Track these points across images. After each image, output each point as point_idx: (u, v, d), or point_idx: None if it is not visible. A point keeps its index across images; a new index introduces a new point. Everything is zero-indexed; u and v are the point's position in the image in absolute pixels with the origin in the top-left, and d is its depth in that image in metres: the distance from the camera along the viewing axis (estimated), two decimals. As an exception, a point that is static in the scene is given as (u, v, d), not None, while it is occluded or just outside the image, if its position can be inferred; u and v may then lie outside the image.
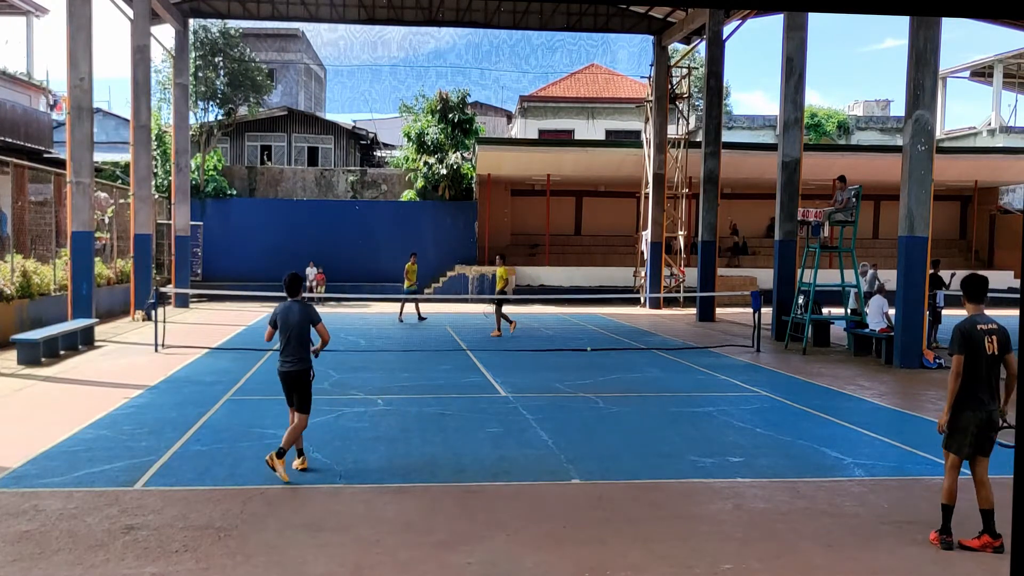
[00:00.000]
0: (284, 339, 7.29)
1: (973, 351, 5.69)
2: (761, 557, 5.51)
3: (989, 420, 5.70)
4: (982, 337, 5.70)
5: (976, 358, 5.68)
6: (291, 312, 7.28)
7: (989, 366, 5.69)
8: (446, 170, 31.95)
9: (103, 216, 23.33)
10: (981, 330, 5.73)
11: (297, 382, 7.30)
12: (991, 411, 5.69)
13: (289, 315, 7.28)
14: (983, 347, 5.68)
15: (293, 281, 7.41)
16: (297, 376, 7.29)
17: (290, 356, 7.27)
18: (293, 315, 7.26)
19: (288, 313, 7.29)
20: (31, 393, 11.08)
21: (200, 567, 5.15)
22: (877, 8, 2.04)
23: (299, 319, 7.25)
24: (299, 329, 7.24)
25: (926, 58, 13.93)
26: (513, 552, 5.52)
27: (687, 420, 9.80)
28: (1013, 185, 36.38)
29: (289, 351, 7.27)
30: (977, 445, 5.76)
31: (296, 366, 7.27)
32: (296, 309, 7.30)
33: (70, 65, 17.03)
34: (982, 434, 5.73)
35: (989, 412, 5.69)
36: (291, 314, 7.27)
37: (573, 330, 20.45)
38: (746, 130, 40.78)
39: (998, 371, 5.71)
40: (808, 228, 16.95)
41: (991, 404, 5.70)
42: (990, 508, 5.72)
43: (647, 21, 27.56)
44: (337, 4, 26.69)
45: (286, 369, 7.30)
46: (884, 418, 10.26)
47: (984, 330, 5.73)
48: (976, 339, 5.70)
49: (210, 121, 32.70)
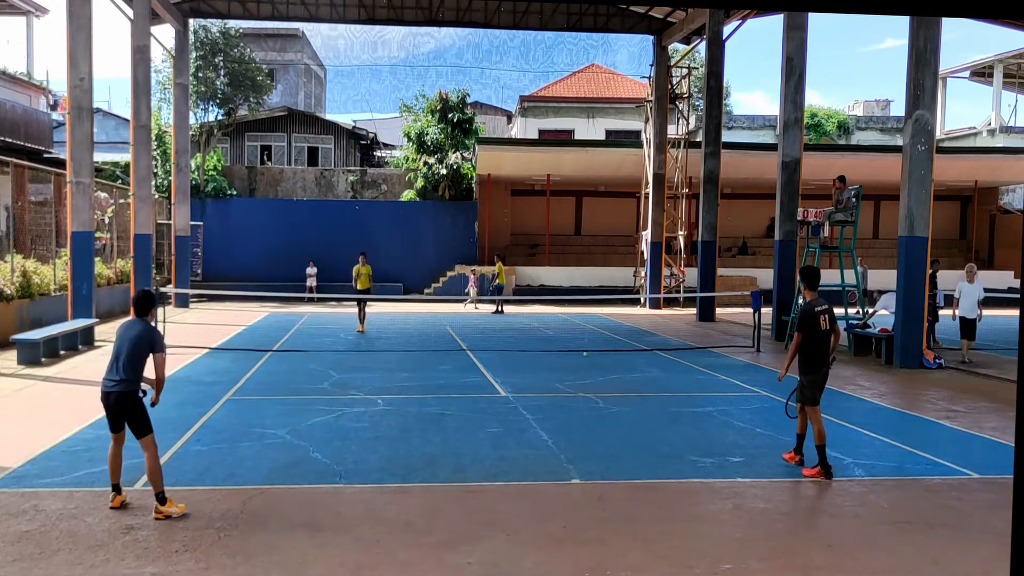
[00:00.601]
0: (114, 355, 6.33)
1: (812, 327, 7.41)
2: (761, 557, 5.51)
3: (826, 377, 7.60)
4: (818, 316, 7.41)
5: (815, 332, 7.41)
6: (130, 329, 6.39)
7: (825, 338, 7.47)
8: (446, 170, 31.95)
9: (103, 216, 23.34)
10: (817, 311, 7.44)
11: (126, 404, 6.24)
12: (825, 372, 7.55)
13: (128, 331, 6.37)
14: (819, 324, 7.41)
15: (144, 299, 6.59)
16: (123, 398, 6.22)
17: (117, 375, 6.21)
18: (131, 331, 6.35)
19: (127, 329, 6.39)
20: (31, 393, 11.08)
21: (200, 567, 5.15)
22: (877, 8, 2.04)
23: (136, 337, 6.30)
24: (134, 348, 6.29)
25: (926, 58, 13.93)
26: (513, 552, 5.52)
27: (687, 420, 9.80)
28: (1013, 185, 36.38)
29: (117, 369, 6.23)
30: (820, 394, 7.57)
31: (122, 387, 6.20)
32: (139, 327, 6.40)
33: (70, 65, 17.03)
34: (821, 386, 7.55)
35: (824, 373, 7.54)
36: (129, 330, 6.37)
37: (573, 330, 20.45)
38: (746, 130, 40.78)
39: (830, 341, 7.54)
40: (808, 228, 16.95)
41: (827, 365, 7.54)
42: (822, 444, 7.39)
43: (647, 21, 27.57)
44: (337, 4, 26.69)
45: (110, 389, 6.21)
46: (884, 418, 10.26)
47: (819, 311, 7.44)
48: (814, 319, 7.40)
49: (210, 121, 32.69)
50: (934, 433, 9.49)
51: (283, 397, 10.88)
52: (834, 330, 7.54)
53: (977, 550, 5.71)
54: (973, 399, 11.53)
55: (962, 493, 6.99)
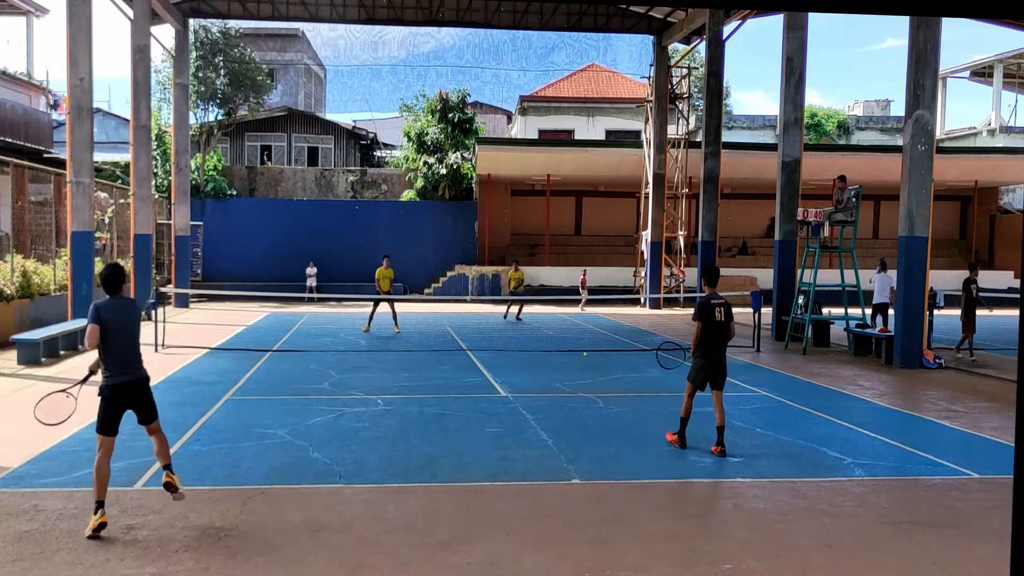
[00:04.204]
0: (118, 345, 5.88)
1: (707, 318, 8.17)
2: (761, 557, 5.50)
3: (718, 364, 8.25)
4: (713, 308, 8.19)
5: (710, 323, 8.16)
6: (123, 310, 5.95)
7: (719, 329, 8.19)
8: (446, 170, 31.94)
9: (103, 216, 23.34)
10: (713, 303, 8.23)
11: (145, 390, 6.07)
12: (719, 358, 8.24)
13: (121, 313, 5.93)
14: (713, 316, 8.18)
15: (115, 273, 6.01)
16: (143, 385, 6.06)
17: (132, 364, 5.98)
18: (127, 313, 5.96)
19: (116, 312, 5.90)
20: (31, 393, 11.07)
21: (200, 567, 5.15)
22: (877, 8, 2.04)
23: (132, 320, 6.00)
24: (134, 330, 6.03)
25: (926, 58, 13.93)
26: (513, 552, 5.52)
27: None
28: (1013, 185, 36.37)
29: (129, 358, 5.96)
30: (711, 381, 8.25)
31: (140, 374, 6.03)
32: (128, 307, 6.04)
33: (70, 65, 17.03)
34: (713, 373, 8.24)
35: (718, 359, 8.23)
36: (120, 313, 5.91)
37: (573, 330, 20.45)
38: (746, 130, 40.78)
39: (727, 332, 8.24)
40: (808, 228, 16.94)
41: (719, 353, 8.24)
42: (722, 425, 8.17)
43: (647, 21, 27.57)
44: (337, 4, 26.69)
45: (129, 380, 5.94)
46: (884, 418, 10.26)
47: (715, 304, 8.22)
48: (709, 309, 8.19)
49: (210, 121, 32.70)
50: (934, 433, 9.48)
51: (283, 397, 10.88)
52: (729, 325, 8.26)
53: (977, 550, 5.70)
54: (973, 399, 11.53)
55: (962, 493, 6.99)
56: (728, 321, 8.24)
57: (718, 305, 8.21)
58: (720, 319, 8.18)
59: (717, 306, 8.21)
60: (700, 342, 8.20)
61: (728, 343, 8.34)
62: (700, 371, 8.23)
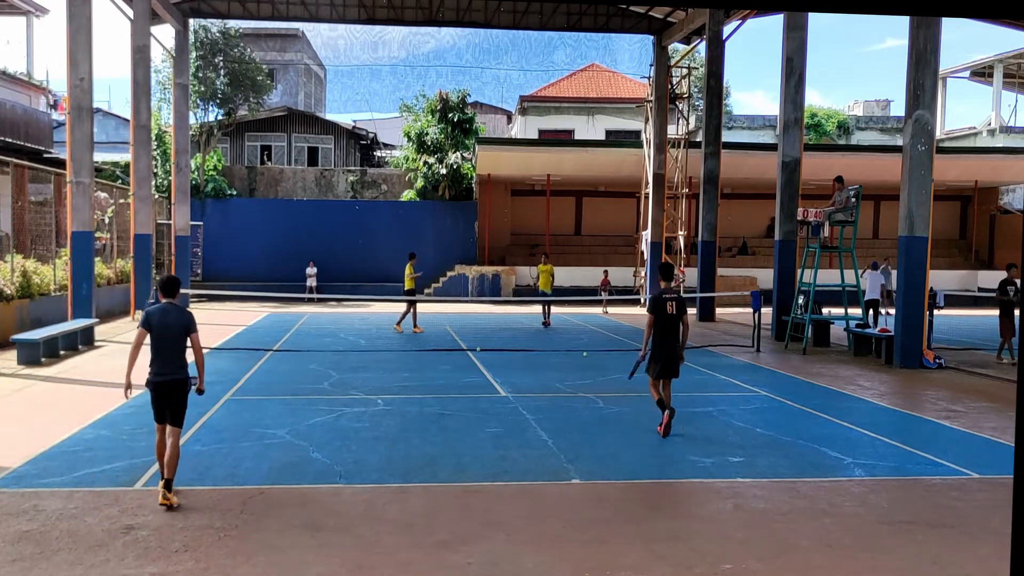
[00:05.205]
0: (157, 345, 6.49)
1: (660, 311, 8.69)
2: (761, 557, 5.50)
3: (672, 355, 8.74)
4: (665, 302, 8.69)
5: (662, 316, 8.69)
6: (167, 315, 6.55)
7: (671, 322, 8.71)
8: (446, 170, 31.95)
9: (103, 216, 23.34)
10: (665, 298, 8.71)
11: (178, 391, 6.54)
12: (672, 349, 8.75)
13: (165, 318, 6.52)
14: (665, 309, 8.69)
15: (170, 281, 6.75)
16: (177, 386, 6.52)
17: (167, 365, 6.49)
18: (170, 318, 6.53)
19: (162, 316, 6.53)
20: (31, 393, 11.08)
21: (200, 567, 5.15)
22: (877, 8, 2.04)
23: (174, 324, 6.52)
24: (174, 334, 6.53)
25: (926, 58, 13.92)
26: (513, 552, 5.52)
27: (687, 420, 9.79)
28: (1013, 185, 36.38)
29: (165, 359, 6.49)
30: (665, 370, 8.76)
31: (174, 375, 6.50)
32: (173, 312, 6.59)
33: (70, 65, 17.03)
34: (667, 364, 8.75)
35: (671, 350, 8.74)
36: (165, 317, 6.53)
37: (573, 330, 20.44)
38: (746, 130, 40.77)
39: (678, 325, 8.78)
40: (808, 228, 16.94)
41: (672, 345, 8.74)
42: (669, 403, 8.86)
43: (647, 21, 27.56)
44: (337, 4, 26.69)
45: (162, 379, 6.48)
46: (884, 418, 10.26)
47: (667, 298, 8.71)
48: (661, 303, 8.70)
49: (210, 121, 32.70)
50: (934, 433, 9.48)
51: (283, 397, 10.88)
52: (682, 318, 8.82)
53: (977, 550, 5.70)
54: (973, 399, 11.53)
55: (962, 493, 6.99)
56: (680, 314, 8.77)
57: (670, 299, 8.74)
58: (672, 312, 8.71)
59: (669, 300, 8.73)
60: (654, 334, 8.76)
61: (686, 337, 8.92)
62: (656, 362, 8.80)
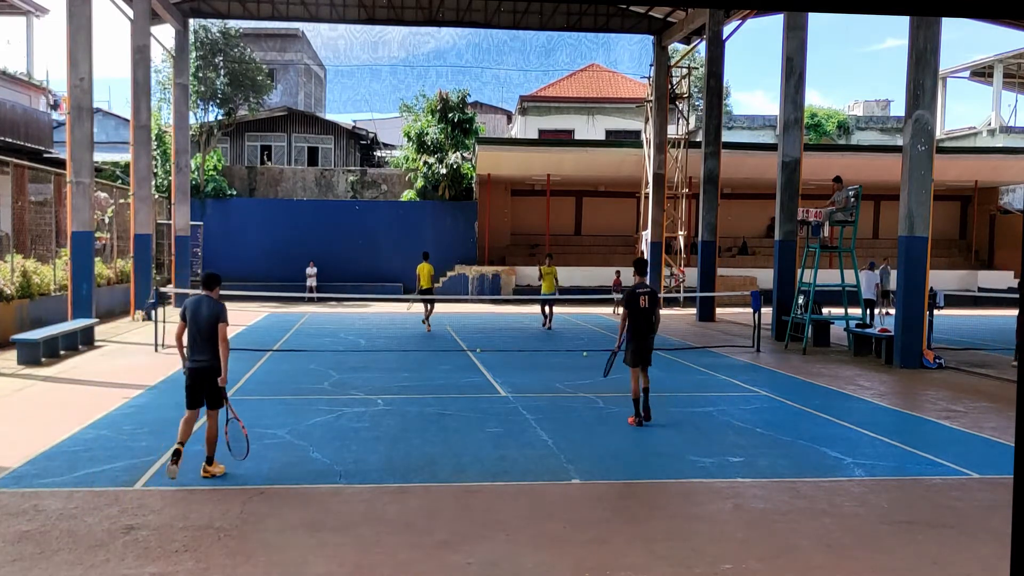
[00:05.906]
0: (192, 334, 7.11)
1: (633, 305, 9.29)
2: (761, 557, 5.50)
3: (646, 346, 9.38)
4: (638, 296, 9.29)
5: (636, 309, 9.30)
6: (201, 305, 7.12)
7: (644, 314, 9.33)
8: (446, 170, 31.94)
9: (103, 216, 23.34)
10: (639, 292, 9.31)
11: (210, 378, 7.09)
12: (647, 339, 9.37)
13: (198, 309, 7.11)
14: (639, 303, 9.29)
15: (210, 276, 7.32)
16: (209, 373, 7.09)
17: (202, 354, 7.09)
18: (201, 309, 7.10)
19: (197, 307, 7.12)
20: (31, 393, 11.08)
21: (200, 567, 5.15)
22: (877, 8, 2.04)
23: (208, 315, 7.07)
24: (207, 324, 7.07)
25: (926, 58, 13.92)
26: (513, 552, 5.52)
27: (687, 420, 9.80)
28: (1013, 185, 36.39)
29: (200, 348, 7.09)
30: (639, 359, 9.33)
31: (207, 363, 7.07)
32: (207, 303, 7.14)
33: (70, 65, 17.02)
34: (641, 353, 9.33)
35: (646, 341, 9.37)
36: (200, 308, 7.11)
37: (573, 330, 20.44)
38: (746, 130, 40.77)
39: (651, 317, 9.40)
40: (808, 228, 16.94)
41: (646, 336, 9.35)
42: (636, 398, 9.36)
43: (647, 21, 27.56)
44: (337, 4, 26.69)
45: (197, 366, 7.09)
46: (884, 418, 10.26)
47: (640, 292, 9.31)
48: (635, 297, 9.30)
49: (210, 121, 32.70)
50: (934, 433, 9.48)
51: (283, 397, 10.88)
52: (654, 311, 9.39)
53: (977, 550, 5.70)
54: (973, 399, 11.53)
55: (962, 493, 6.99)
56: (653, 307, 9.37)
57: (643, 293, 9.34)
58: (644, 306, 9.32)
59: (642, 294, 9.33)
60: (629, 326, 9.34)
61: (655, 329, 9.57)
62: (633, 353, 9.35)
